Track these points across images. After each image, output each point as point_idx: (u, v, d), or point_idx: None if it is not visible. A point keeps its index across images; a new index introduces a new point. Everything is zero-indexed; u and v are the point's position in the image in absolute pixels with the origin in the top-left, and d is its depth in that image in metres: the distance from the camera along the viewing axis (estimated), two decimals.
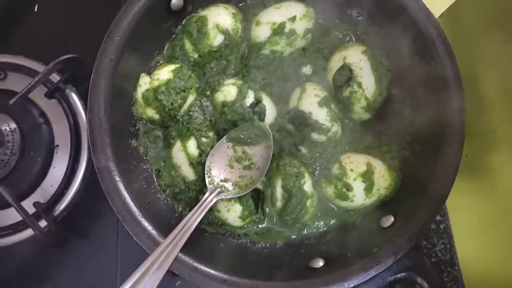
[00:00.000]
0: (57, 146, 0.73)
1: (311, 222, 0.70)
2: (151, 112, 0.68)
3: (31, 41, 0.83)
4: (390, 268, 0.58)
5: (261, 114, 0.69)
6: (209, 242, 0.68)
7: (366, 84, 0.69)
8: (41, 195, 0.71)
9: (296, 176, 0.67)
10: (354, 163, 0.67)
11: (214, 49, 0.71)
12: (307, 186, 0.67)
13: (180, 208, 0.69)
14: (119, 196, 0.60)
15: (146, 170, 0.69)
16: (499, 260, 0.68)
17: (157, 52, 0.73)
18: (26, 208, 0.67)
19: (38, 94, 0.72)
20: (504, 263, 0.67)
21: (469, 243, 0.78)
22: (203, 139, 0.68)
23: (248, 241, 0.69)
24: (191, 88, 0.69)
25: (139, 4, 0.63)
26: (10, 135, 0.69)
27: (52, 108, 0.74)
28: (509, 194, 0.66)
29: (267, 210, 0.70)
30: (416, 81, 0.67)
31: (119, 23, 0.62)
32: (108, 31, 0.62)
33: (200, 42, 0.70)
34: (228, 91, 0.68)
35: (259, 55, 0.73)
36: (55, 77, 0.73)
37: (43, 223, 0.69)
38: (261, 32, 0.71)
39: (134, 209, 0.60)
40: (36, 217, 0.69)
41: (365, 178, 0.66)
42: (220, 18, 0.70)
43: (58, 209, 0.71)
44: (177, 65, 0.69)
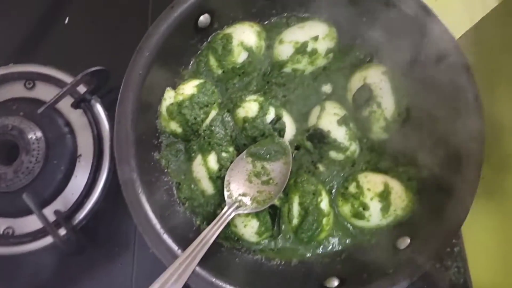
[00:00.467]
0: (80, 155, 0.74)
1: (327, 240, 0.70)
2: (174, 126, 0.69)
3: (60, 52, 0.86)
4: None
5: (281, 131, 0.70)
6: (225, 257, 0.68)
7: (386, 105, 0.69)
8: (62, 203, 0.72)
9: (313, 194, 0.67)
10: (372, 182, 0.68)
11: (237, 66, 0.72)
12: (324, 204, 0.68)
13: (198, 222, 0.70)
14: (141, 208, 0.60)
15: (167, 182, 0.70)
16: None
17: (183, 67, 0.74)
18: (47, 215, 0.68)
19: (64, 104, 0.74)
20: None
21: (484, 267, 0.77)
22: (223, 154, 0.69)
23: (264, 257, 0.69)
24: (214, 103, 0.70)
25: (169, 22, 0.65)
26: (35, 143, 0.71)
27: (77, 118, 0.75)
28: None
29: (283, 227, 0.70)
30: (436, 103, 0.68)
31: (149, 38, 0.64)
32: (138, 46, 0.64)
33: (225, 58, 0.71)
34: (249, 107, 0.70)
35: (281, 72, 0.74)
36: (81, 88, 0.74)
37: (62, 231, 0.69)
38: (284, 51, 0.73)
39: (155, 221, 0.61)
40: (56, 225, 0.69)
41: (382, 198, 0.66)
42: (245, 36, 0.71)
43: (78, 217, 0.71)
44: (201, 81, 0.71)
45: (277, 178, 0.67)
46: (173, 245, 0.60)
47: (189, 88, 0.69)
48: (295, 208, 0.67)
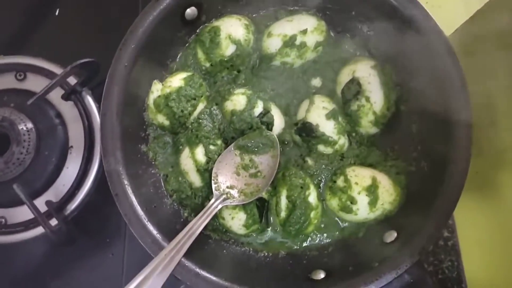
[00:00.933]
0: (71, 147, 0.75)
1: (314, 233, 0.70)
2: (161, 118, 0.69)
3: (50, 43, 0.86)
4: (390, 284, 0.58)
5: (269, 124, 0.70)
6: (213, 248, 0.68)
7: (374, 99, 0.69)
8: (54, 194, 0.73)
9: (301, 187, 0.67)
10: (359, 176, 0.67)
11: (225, 59, 0.72)
12: (312, 197, 0.68)
13: (185, 214, 0.70)
14: (127, 199, 0.61)
15: (154, 175, 0.71)
16: (507, 279, 0.68)
17: (170, 60, 0.74)
18: (39, 206, 0.69)
19: (55, 96, 0.75)
20: (511, 283, 0.66)
21: (477, 261, 0.77)
22: (211, 147, 0.69)
23: (251, 249, 0.70)
24: (202, 96, 0.70)
25: (155, 14, 0.64)
26: (26, 135, 0.71)
27: (68, 110, 0.76)
28: None
29: (271, 219, 0.70)
30: (425, 97, 0.67)
31: (134, 31, 0.64)
32: (123, 39, 0.64)
33: (212, 51, 0.71)
34: (237, 100, 0.70)
35: (270, 66, 0.74)
36: (72, 80, 0.75)
37: (53, 222, 0.70)
38: (272, 44, 0.72)
39: (141, 212, 0.61)
40: (48, 215, 0.71)
41: (370, 192, 0.66)
42: (233, 28, 0.71)
43: (69, 208, 0.73)
44: (189, 73, 0.70)
45: (265, 171, 0.68)
46: (159, 237, 0.61)
47: (177, 80, 0.69)
48: (283, 201, 0.68)
